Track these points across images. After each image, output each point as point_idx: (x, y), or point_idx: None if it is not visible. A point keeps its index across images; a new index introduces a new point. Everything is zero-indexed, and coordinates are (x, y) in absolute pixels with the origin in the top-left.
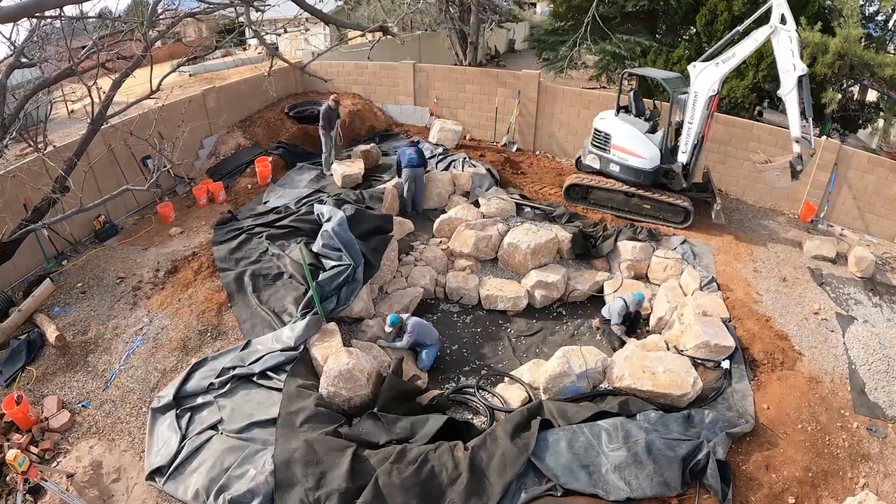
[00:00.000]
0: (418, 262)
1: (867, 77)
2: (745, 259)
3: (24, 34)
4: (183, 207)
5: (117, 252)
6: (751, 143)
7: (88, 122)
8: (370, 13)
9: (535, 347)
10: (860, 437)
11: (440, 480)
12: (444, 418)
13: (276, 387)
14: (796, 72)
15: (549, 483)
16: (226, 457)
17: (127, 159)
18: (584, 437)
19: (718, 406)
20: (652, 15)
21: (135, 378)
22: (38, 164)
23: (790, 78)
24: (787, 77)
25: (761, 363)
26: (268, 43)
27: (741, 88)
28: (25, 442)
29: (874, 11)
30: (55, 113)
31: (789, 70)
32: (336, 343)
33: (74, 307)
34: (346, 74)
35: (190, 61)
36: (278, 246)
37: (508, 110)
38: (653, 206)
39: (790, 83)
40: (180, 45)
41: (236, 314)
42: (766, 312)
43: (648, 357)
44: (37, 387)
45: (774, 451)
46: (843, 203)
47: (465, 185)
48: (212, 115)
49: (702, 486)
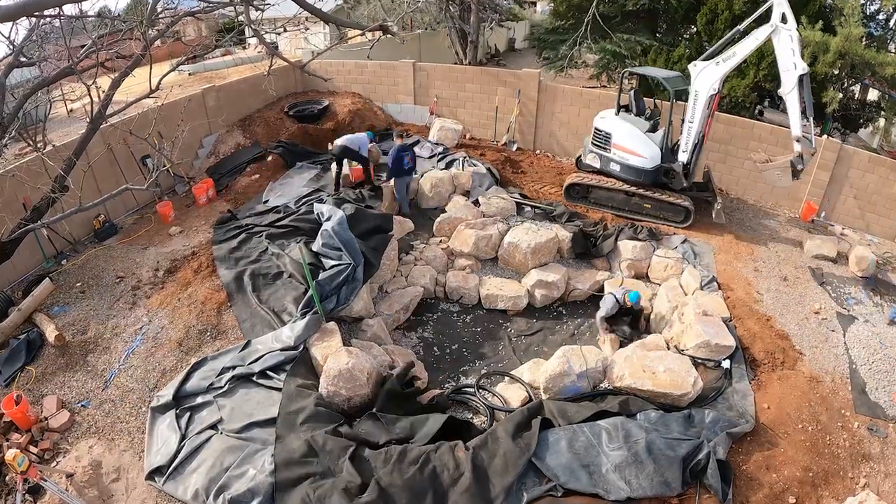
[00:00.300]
0: (418, 262)
1: (868, 76)
2: (746, 258)
3: (24, 33)
4: (182, 207)
5: (117, 251)
6: (752, 143)
7: (88, 121)
8: (370, 12)
9: (535, 347)
10: (861, 437)
11: (441, 481)
12: (444, 418)
13: (276, 386)
14: (797, 70)
15: (549, 483)
16: (225, 456)
17: (126, 159)
18: (585, 436)
19: (719, 406)
20: (652, 14)
21: (134, 378)
22: (37, 164)
23: (791, 77)
24: (788, 76)
25: (762, 363)
26: (267, 42)
27: (742, 87)
28: (25, 442)
29: (875, 10)
30: (54, 112)
31: (790, 69)
32: (336, 343)
33: (74, 307)
34: (346, 73)
35: (189, 60)
36: (278, 245)
37: (509, 109)
38: (653, 206)
39: (791, 82)
40: (180, 44)
41: (236, 314)
42: (767, 312)
43: (649, 357)
44: (36, 386)
45: (775, 451)
46: (843, 202)
47: (465, 185)
48: (211, 114)
49: (702, 486)
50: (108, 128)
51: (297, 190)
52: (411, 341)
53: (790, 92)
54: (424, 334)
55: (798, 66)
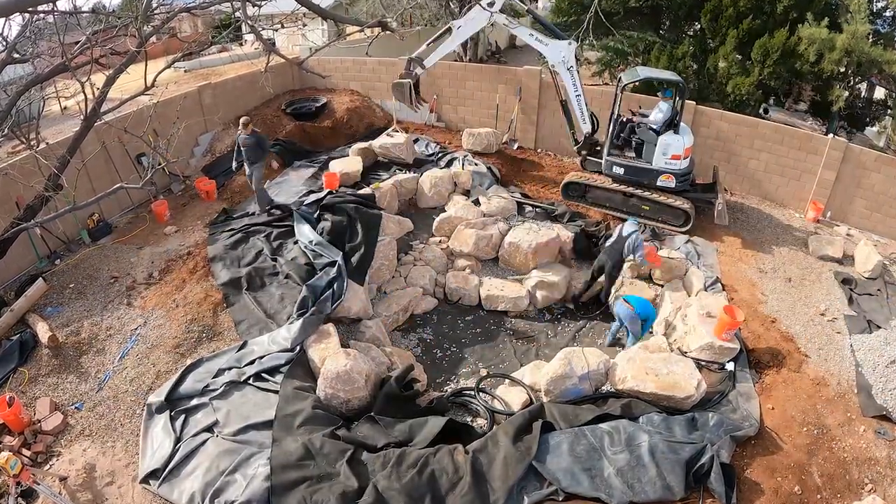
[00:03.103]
0: (417, 262)
1: (875, 74)
2: (750, 259)
3: (17, 29)
4: (178, 206)
5: (111, 251)
6: (756, 142)
7: (82, 118)
8: (369, 8)
9: (536, 349)
10: (867, 441)
11: (441, 484)
12: (444, 421)
13: (273, 389)
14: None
15: (550, 487)
16: (222, 460)
17: (121, 157)
18: (586, 440)
19: (723, 408)
20: (655, 10)
21: (129, 379)
22: (30, 162)
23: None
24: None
25: (766, 365)
26: (265, 38)
27: (746, 85)
28: (17, 444)
29: (882, 7)
30: (48, 109)
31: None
32: (334, 344)
33: (67, 307)
34: (345, 70)
35: (185, 57)
36: (275, 245)
37: (509, 107)
38: (652, 208)
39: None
40: (175, 40)
41: (232, 314)
42: (772, 313)
43: (652, 359)
44: (29, 388)
45: (779, 455)
46: (849, 202)
47: (465, 184)
48: (207, 111)
49: (706, 490)
50: (103, 125)
51: (294, 189)
52: (410, 342)
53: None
54: (424, 335)
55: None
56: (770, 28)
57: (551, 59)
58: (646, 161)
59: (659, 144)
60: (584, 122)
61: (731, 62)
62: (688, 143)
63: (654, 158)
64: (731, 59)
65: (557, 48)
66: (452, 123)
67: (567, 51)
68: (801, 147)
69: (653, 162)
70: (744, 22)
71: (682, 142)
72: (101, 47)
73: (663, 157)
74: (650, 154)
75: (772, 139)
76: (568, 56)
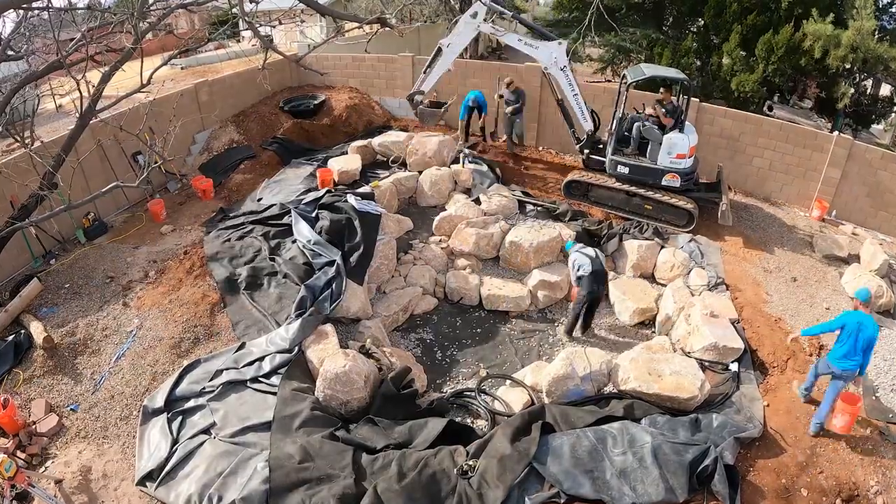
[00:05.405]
0: (417, 262)
1: (881, 71)
2: (754, 258)
3: (11, 26)
4: (174, 205)
5: (107, 250)
6: (760, 139)
7: (77, 116)
8: (368, 4)
9: (537, 349)
10: (873, 442)
11: (441, 486)
12: (444, 422)
13: (271, 390)
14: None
15: (551, 489)
16: (219, 462)
17: (117, 155)
18: (588, 441)
19: (727, 410)
20: (658, 6)
21: (125, 381)
22: (24, 160)
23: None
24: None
25: (771, 366)
26: (262, 35)
27: (751, 83)
28: (12, 446)
29: (888, 3)
30: (43, 107)
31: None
32: (332, 345)
33: (63, 307)
34: (343, 67)
35: (182, 54)
36: (273, 245)
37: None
38: (654, 208)
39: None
40: (172, 37)
41: (229, 315)
42: (776, 313)
43: (655, 359)
44: (24, 390)
45: (784, 457)
46: (855, 200)
47: (465, 182)
48: (204, 109)
49: (709, 492)
50: (98, 123)
51: (292, 187)
52: (410, 343)
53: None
54: (424, 336)
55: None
56: (774, 24)
57: (543, 61)
58: (650, 160)
59: (664, 143)
60: (584, 121)
61: (734, 59)
62: (692, 142)
63: (659, 157)
64: (735, 56)
65: (547, 50)
66: (454, 121)
67: (558, 51)
68: (805, 145)
69: (657, 161)
70: (748, 18)
71: (686, 140)
72: (97, 44)
73: (668, 156)
74: (655, 153)
75: (776, 137)
76: (559, 56)
